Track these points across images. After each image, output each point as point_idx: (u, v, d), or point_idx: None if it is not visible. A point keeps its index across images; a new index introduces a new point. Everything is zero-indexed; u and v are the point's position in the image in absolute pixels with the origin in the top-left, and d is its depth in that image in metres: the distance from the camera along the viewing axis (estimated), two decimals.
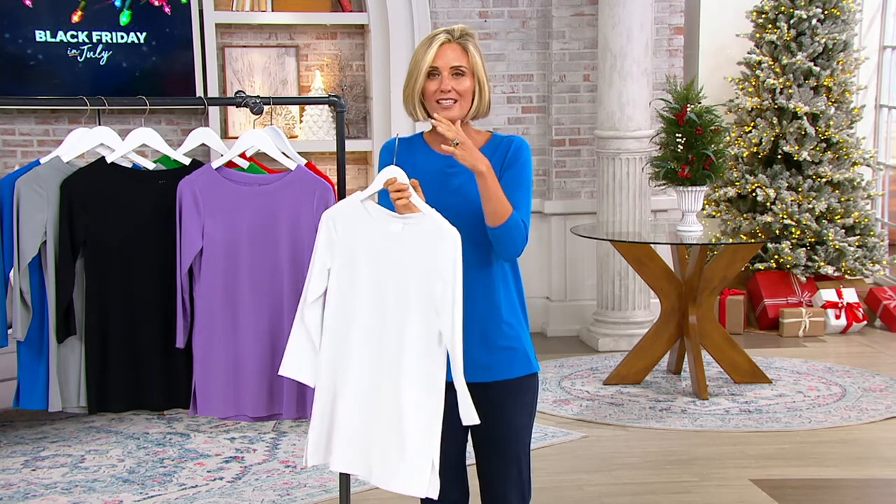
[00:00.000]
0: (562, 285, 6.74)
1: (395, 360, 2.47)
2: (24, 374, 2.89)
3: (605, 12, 6.24)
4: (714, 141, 5.35)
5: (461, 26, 2.62)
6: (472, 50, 2.59)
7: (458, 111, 2.58)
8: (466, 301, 2.50)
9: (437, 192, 2.59)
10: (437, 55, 2.56)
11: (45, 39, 6.21)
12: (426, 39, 2.59)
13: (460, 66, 2.57)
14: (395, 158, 2.60)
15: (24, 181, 2.81)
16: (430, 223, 2.45)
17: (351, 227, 2.52)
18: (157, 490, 4.18)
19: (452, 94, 2.56)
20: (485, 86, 2.60)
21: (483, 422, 2.60)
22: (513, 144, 2.62)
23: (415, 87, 2.58)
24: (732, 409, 5.23)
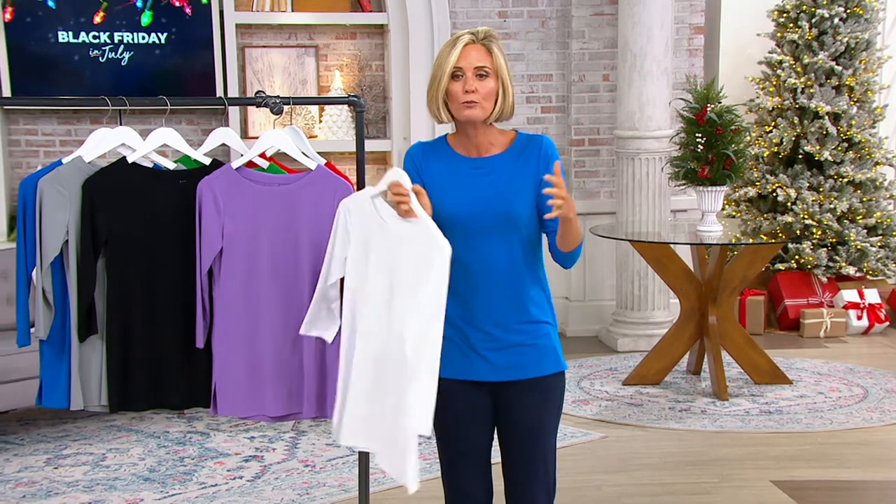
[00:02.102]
0: (581, 285, 6.72)
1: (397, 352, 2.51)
2: (47, 372, 2.90)
3: (625, 12, 6.22)
4: (734, 141, 5.32)
5: (485, 28, 2.62)
6: (496, 51, 2.59)
7: (482, 112, 2.58)
8: (497, 299, 2.54)
9: (465, 193, 2.59)
10: (461, 56, 2.56)
11: (67, 40, 6.26)
12: (450, 41, 2.60)
13: (484, 66, 2.57)
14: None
15: (47, 181, 2.82)
16: (422, 232, 2.48)
17: (362, 219, 2.60)
18: (177, 489, 4.20)
19: (475, 96, 2.56)
20: (509, 87, 2.60)
21: (510, 420, 2.61)
22: (543, 144, 2.63)
23: (439, 89, 2.58)
24: (753, 409, 5.20)
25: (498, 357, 2.60)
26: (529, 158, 2.61)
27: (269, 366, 2.91)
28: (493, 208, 2.58)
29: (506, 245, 2.58)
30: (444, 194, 2.61)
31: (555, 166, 2.48)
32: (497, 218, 2.57)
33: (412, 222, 2.49)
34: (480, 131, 2.62)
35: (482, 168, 2.61)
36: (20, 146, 6.49)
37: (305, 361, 2.91)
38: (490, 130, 2.64)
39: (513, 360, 2.59)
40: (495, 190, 2.59)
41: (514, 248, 2.60)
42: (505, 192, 2.58)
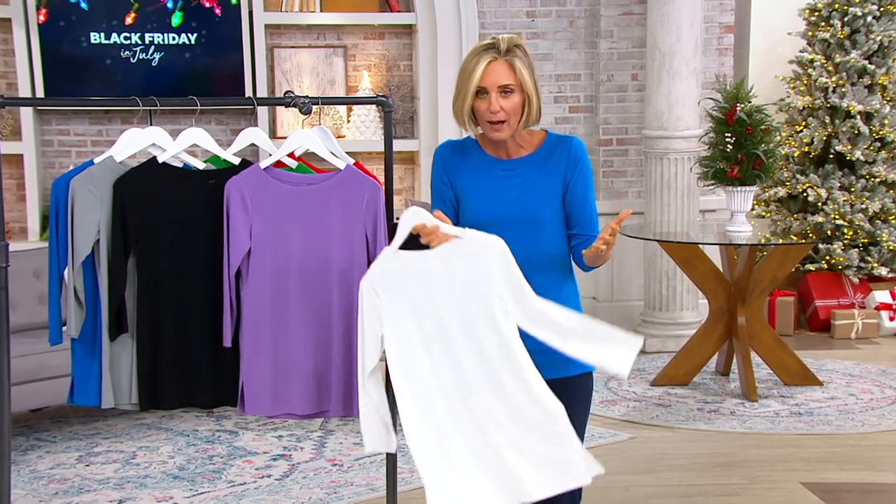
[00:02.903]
0: (608, 285, 6.70)
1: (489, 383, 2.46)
2: (78, 371, 2.93)
3: (654, 11, 6.19)
4: (764, 140, 5.29)
5: (508, 38, 2.60)
6: (520, 65, 2.58)
7: (508, 130, 2.59)
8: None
9: (493, 196, 2.60)
10: (485, 74, 2.56)
11: (99, 41, 6.31)
12: (473, 54, 2.59)
13: (508, 84, 2.57)
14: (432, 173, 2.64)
15: (79, 181, 2.85)
16: (470, 241, 2.47)
17: (391, 287, 2.52)
18: (206, 487, 4.23)
19: (501, 115, 2.57)
20: (533, 98, 2.59)
21: None
22: (573, 146, 2.64)
23: (464, 105, 2.59)
24: (782, 411, 5.17)
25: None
26: (559, 161, 2.61)
27: (297, 365, 2.92)
28: (520, 212, 2.58)
29: (532, 246, 2.58)
30: (471, 196, 2.61)
31: (624, 213, 2.46)
32: (523, 221, 2.58)
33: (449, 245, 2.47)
34: (509, 139, 2.63)
35: (511, 170, 2.62)
36: (53, 146, 6.56)
37: (333, 360, 2.92)
38: (519, 133, 2.64)
39: (540, 360, 2.59)
40: (522, 193, 2.59)
41: (540, 250, 2.60)
42: (532, 196, 2.59)
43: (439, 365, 2.49)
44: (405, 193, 6.78)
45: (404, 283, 2.51)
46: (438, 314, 2.49)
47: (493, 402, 2.47)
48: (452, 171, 2.65)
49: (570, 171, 2.61)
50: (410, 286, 2.51)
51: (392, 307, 2.52)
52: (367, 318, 2.53)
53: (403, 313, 2.51)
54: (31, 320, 4.95)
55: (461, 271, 2.47)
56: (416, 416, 2.48)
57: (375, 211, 2.86)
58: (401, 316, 2.51)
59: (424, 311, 2.50)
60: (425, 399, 2.48)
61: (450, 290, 2.48)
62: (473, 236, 2.47)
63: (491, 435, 2.47)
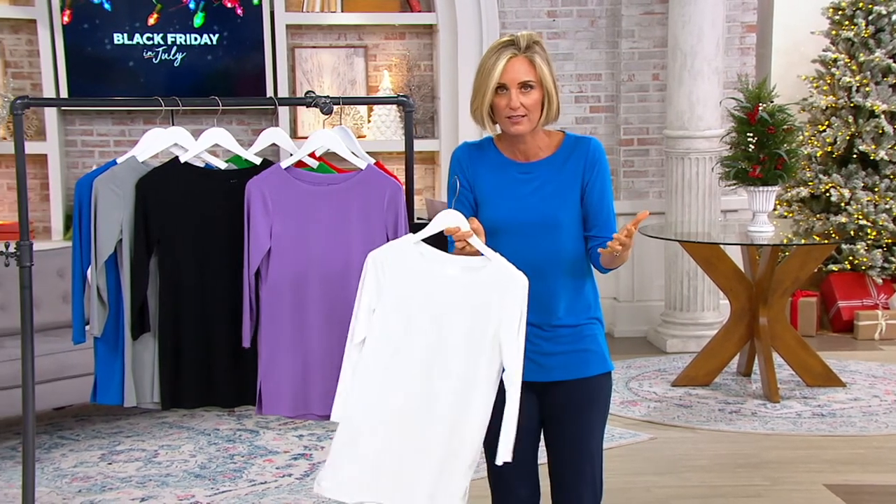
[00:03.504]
0: (629, 285, 6.68)
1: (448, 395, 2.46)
2: (101, 369, 2.94)
3: (676, 11, 6.17)
4: (787, 140, 5.26)
5: (527, 34, 2.59)
6: (539, 61, 2.57)
7: (528, 125, 2.58)
8: (541, 301, 2.52)
9: (510, 199, 2.59)
10: (504, 71, 2.55)
11: (122, 42, 6.35)
12: (492, 51, 2.57)
13: (528, 80, 2.56)
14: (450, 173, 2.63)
15: (102, 181, 2.86)
16: (497, 268, 2.45)
17: (401, 270, 2.51)
18: (227, 486, 4.25)
19: (521, 111, 2.56)
20: (553, 95, 2.59)
21: (558, 420, 2.61)
22: (591, 147, 2.63)
23: (483, 103, 2.58)
24: (805, 412, 5.14)
25: (544, 358, 2.59)
26: (576, 163, 2.60)
27: (317, 365, 2.92)
28: (538, 214, 2.57)
29: (550, 248, 2.57)
30: (489, 199, 2.61)
31: (641, 214, 2.46)
32: (541, 224, 2.57)
33: (475, 261, 2.47)
34: (527, 137, 2.62)
35: (529, 174, 2.61)
36: (76, 146, 6.60)
37: None
38: (537, 135, 2.63)
39: (559, 361, 2.58)
40: (541, 197, 2.59)
41: (559, 252, 2.59)
42: (551, 199, 2.58)
43: (409, 361, 2.48)
44: (425, 193, 6.78)
45: (413, 273, 2.51)
46: (433, 315, 2.48)
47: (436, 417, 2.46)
48: (471, 174, 2.64)
49: (588, 173, 2.60)
50: (417, 277, 2.50)
51: (391, 288, 2.51)
52: (367, 290, 2.53)
53: (401, 298, 2.50)
54: (54, 319, 4.99)
55: (477, 290, 2.46)
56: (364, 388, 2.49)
57: (396, 210, 2.86)
58: (397, 300, 2.51)
59: (421, 307, 2.49)
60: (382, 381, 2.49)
61: (454, 300, 2.47)
62: (503, 263, 2.46)
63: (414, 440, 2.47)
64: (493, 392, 2.46)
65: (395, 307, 2.51)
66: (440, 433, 2.46)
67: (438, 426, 2.46)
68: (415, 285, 2.50)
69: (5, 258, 2.85)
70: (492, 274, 2.46)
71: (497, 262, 2.46)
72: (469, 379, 2.46)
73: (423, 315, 2.49)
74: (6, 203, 6.56)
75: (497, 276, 2.45)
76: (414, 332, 2.49)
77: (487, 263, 2.47)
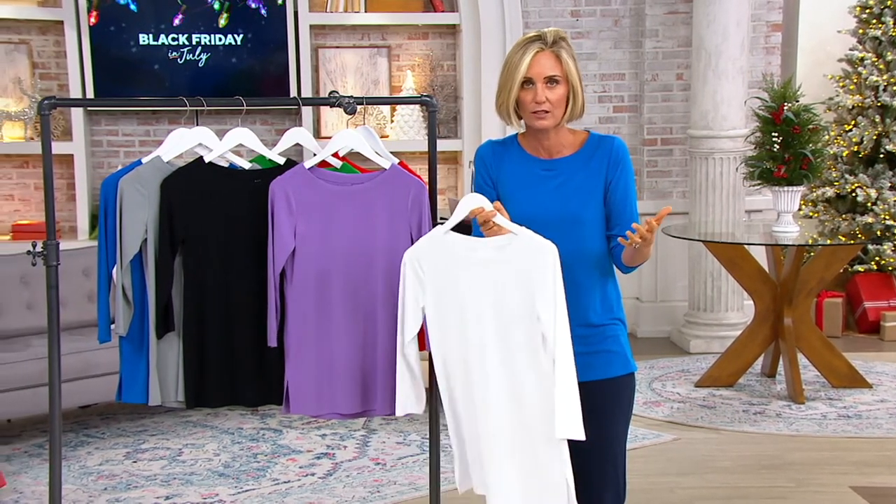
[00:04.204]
0: (652, 286, 6.66)
1: (505, 383, 2.50)
2: (126, 368, 2.96)
3: (700, 10, 6.14)
4: (812, 140, 5.23)
5: (553, 30, 2.60)
6: (566, 57, 2.58)
7: (553, 120, 2.59)
8: (567, 300, 2.51)
9: (533, 194, 2.59)
10: (531, 65, 2.56)
11: (147, 42, 6.39)
12: (519, 46, 2.58)
13: (554, 75, 2.57)
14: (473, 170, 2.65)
15: (127, 181, 2.88)
16: (525, 241, 2.48)
17: (437, 261, 2.55)
18: (251, 484, 4.27)
19: (546, 105, 2.56)
20: (578, 91, 2.59)
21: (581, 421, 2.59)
22: (615, 146, 2.63)
23: (509, 98, 2.58)
24: (830, 413, 5.10)
25: None
26: (600, 161, 2.60)
27: (342, 365, 2.93)
28: (562, 212, 2.58)
29: (573, 246, 2.57)
30: (513, 196, 2.61)
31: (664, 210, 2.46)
32: (564, 221, 2.57)
33: (503, 239, 2.49)
34: (552, 134, 2.62)
35: (552, 170, 2.61)
36: (102, 146, 6.65)
37: (378, 359, 2.92)
38: (561, 132, 2.63)
39: (581, 361, 2.58)
40: (564, 194, 2.59)
41: (581, 250, 2.59)
42: (574, 196, 2.58)
43: (466, 348, 2.52)
44: (448, 193, 6.78)
45: (448, 263, 2.54)
46: (476, 301, 2.51)
47: (500, 400, 2.49)
48: (494, 171, 2.65)
49: (612, 171, 2.60)
50: (454, 267, 2.53)
51: (434, 281, 2.55)
52: (410, 286, 2.57)
53: (444, 290, 2.54)
54: (80, 318, 5.03)
55: (510, 266, 2.48)
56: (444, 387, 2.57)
57: (420, 209, 2.87)
58: (441, 291, 2.55)
59: (464, 295, 2.52)
60: (451, 376, 2.55)
61: (492, 282, 2.49)
62: (530, 236, 2.48)
63: (489, 429, 2.50)
64: (543, 364, 2.46)
65: (440, 299, 2.55)
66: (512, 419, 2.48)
67: (505, 408, 2.48)
68: (454, 274, 2.53)
69: (32, 257, 2.87)
70: (520, 247, 2.48)
71: (524, 235, 2.48)
72: (520, 355, 2.47)
73: (468, 301, 2.52)
74: (33, 203, 6.61)
75: (525, 248, 2.47)
76: (464, 320, 2.52)
77: (514, 238, 2.49)
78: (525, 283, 2.47)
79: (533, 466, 2.48)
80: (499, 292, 2.49)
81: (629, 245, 2.47)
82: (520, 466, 2.50)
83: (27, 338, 4.87)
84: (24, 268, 4.96)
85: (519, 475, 2.50)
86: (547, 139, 2.63)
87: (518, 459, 2.50)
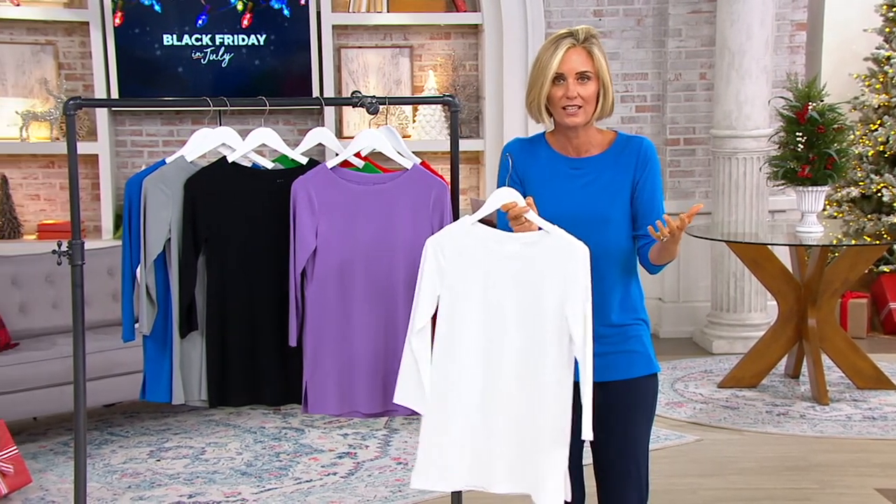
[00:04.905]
0: (675, 286, 6.63)
1: (520, 375, 2.48)
2: (150, 367, 2.97)
3: (724, 9, 6.11)
4: (837, 139, 5.19)
5: (585, 28, 2.60)
6: (597, 53, 2.58)
7: (584, 117, 2.58)
8: (593, 299, 2.50)
9: (561, 193, 2.59)
10: (563, 61, 2.55)
11: (171, 43, 6.43)
12: (550, 43, 2.58)
13: (586, 71, 2.56)
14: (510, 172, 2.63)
15: (151, 180, 2.90)
16: (557, 239, 2.46)
17: (461, 251, 2.53)
18: (273, 483, 4.28)
19: (577, 101, 2.56)
20: (609, 88, 2.59)
21: (603, 422, 2.59)
22: (643, 146, 2.62)
23: (540, 93, 2.58)
24: (855, 415, 5.06)
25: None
26: (628, 161, 2.60)
27: (363, 365, 2.93)
28: (589, 210, 2.57)
29: (598, 244, 2.56)
30: (540, 193, 2.60)
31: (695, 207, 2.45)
32: (592, 220, 2.56)
33: (533, 236, 2.48)
34: (581, 132, 2.61)
35: (580, 169, 2.61)
36: (126, 146, 6.70)
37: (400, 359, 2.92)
38: (590, 131, 2.63)
39: (604, 362, 2.57)
40: (592, 192, 2.58)
41: (607, 249, 2.58)
42: (601, 195, 2.58)
43: (483, 340, 2.50)
44: (470, 193, 6.78)
45: (472, 253, 2.52)
46: (497, 294, 2.49)
47: (515, 392, 2.48)
48: (522, 168, 2.64)
49: (640, 171, 2.59)
50: (478, 258, 2.51)
51: (454, 271, 2.52)
52: (428, 275, 2.54)
53: (464, 280, 2.52)
54: (104, 317, 5.06)
55: (538, 263, 2.46)
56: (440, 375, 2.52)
57: (442, 210, 2.87)
58: (462, 281, 2.52)
59: (487, 287, 2.50)
60: (457, 365, 2.51)
61: (520, 277, 2.48)
62: (562, 235, 2.46)
63: (496, 418, 2.49)
64: (567, 365, 2.45)
65: (459, 289, 2.52)
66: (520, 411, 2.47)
67: (517, 403, 2.47)
68: (477, 265, 2.51)
69: (58, 257, 2.89)
70: (551, 246, 2.46)
71: (556, 234, 2.47)
72: (541, 354, 2.46)
73: (489, 294, 2.50)
74: (58, 202, 6.67)
75: (557, 247, 2.46)
76: (482, 312, 2.50)
77: (546, 236, 2.47)
78: (555, 282, 2.45)
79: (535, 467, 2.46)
80: (525, 288, 2.47)
81: (657, 236, 2.46)
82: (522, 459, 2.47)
83: (52, 336, 4.91)
84: (49, 267, 5.00)
85: (521, 468, 2.48)
86: (576, 137, 2.62)
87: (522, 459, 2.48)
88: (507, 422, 2.49)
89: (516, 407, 2.48)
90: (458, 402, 2.51)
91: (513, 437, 2.49)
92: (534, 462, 2.47)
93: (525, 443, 2.48)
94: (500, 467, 2.50)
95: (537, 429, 2.46)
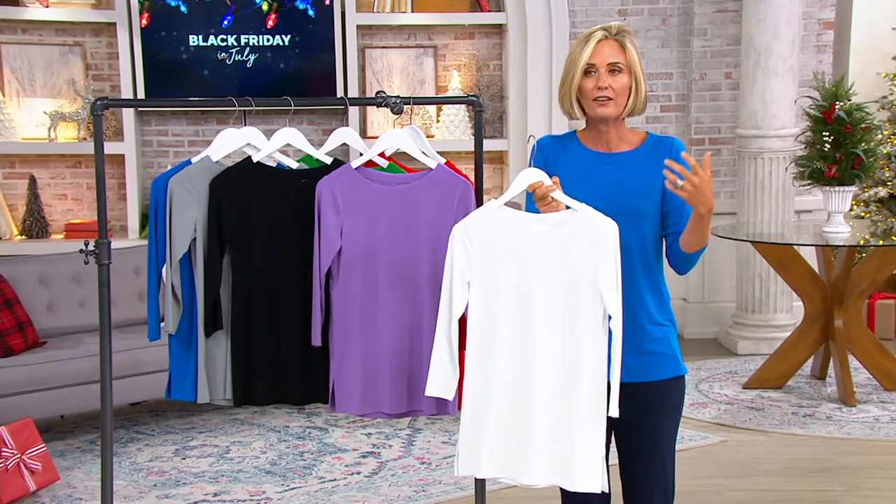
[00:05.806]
0: (699, 287, 6.60)
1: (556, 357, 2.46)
2: (175, 366, 2.99)
3: (750, 8, 6.08)
4: (864, 139, 5.15)
5: (618, 23, 2.60)
6: (630, 46, 2.56)
7: (615, 108, 2.56)
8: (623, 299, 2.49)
9: (593, 188, 2.57)
10: (595, 52, 2.54)
11: (197, 43, 6.46)
12: (583, 37, 2.57)
13: (618, 62, 2.55)
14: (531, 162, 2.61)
15: (177, 180, 2.91)
16: (585, 217, 2.44)
17: (488, 235, 2.51)
18: (297, 482, 4.30)
19: (609, 92, 2.54)
20: (641, 82, 2.57)
21: (630, 423, 2.57)
22: (675, 146, 2.61)
23: (571, 85, 2.56)
24: (883, 417, 5.02)
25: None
26: (660, 159, 2.57)
27: (387, 364, 2.94)
28: (620, 205, 2.55)
29: (628, 240, 2.54)
30: (571, 187, 2.58)
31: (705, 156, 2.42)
32: (623, 214, 2.54)
33: (561, 215, 2.46)
34: (612, 127, 2.60)
35: (612, 163, 2.59)
36: (152, 146, 6.74)
37: (425, 360, 2.92)
38: (621, 127, 2.62)
39: (631, 363, 2.56)
40: (624, 186, 2.57)
41: (636, 247, 2.57)
42: (633, 189, 2.56)
43: (515, 324, 2.48)
44: (494, 193, 6.78)
45: (500, 237, 2.50)
46: (528, 277, 2.47)
47: (548, 378, 2.46)
48: (553, 163, 2.63)
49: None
50: (506, 241, 2.49)
51: (482, 256, 2.50)
52: (457, 262, 2.51)
53: (494, 266, 2.50)
54: (130, 316, 5.10)
55: (567, 242, 2.44)
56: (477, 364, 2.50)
57: (467, 209, 2.86)
58: (492, 267, 2.50)
59: (514, 270, 2.48)
60: (493, 352, 2.49)
61: (547, 257, 2.46)
62: (590, 212, 2.44)
63: (531, 406, 2.46)
64: (602, 342, 2.44)
65: (490, 276, 2.50)
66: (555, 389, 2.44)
67: (552, 383, 2.45)
68: (507, 249, 2.49)
69: (85, 256, 2.91)
70: (580, 223, 2.44)
71: (584, 212, 2.45)
72: (576, 333, 2.44)
73: (521, 277, 2.48)
74: (85, 202, 6.71)
75: (586, 224, 2.44)
76: (514, 296, 2.48)
77: (574, 215, 2.45)
78: (585, 260, 2.43)
79: (571, 446, 2.44)
80: (556, 269, 2.45)
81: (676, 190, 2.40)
82: (559, 445, 2.45)
83: (79, 335, 4.95)
84: (76, 266, 5.04)
85: (558, 455, 2.46)
86: (608, 132, 2.60)
87: (559, 438, 2.45)
88: (545, 402, 2.46)
89: (552, 386, 2.45)
90: (496, 388, 2.49)
91: (550, 419, 2.46)
92: (571, 444, 2.44)
93: (562, 424, 2.45)
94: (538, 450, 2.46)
95: (573, 408, 2.43)
